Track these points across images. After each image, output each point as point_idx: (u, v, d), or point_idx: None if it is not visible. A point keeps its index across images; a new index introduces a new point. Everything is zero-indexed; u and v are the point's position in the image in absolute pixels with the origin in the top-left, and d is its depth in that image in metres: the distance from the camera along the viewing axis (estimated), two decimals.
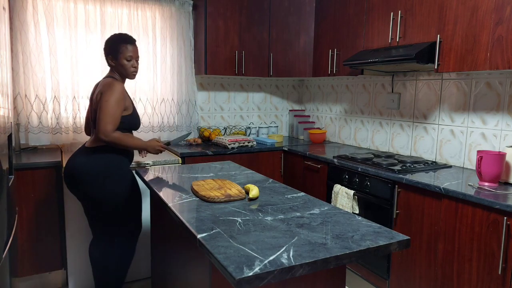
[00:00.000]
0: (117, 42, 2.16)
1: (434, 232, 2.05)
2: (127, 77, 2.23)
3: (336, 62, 3.06)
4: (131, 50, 2.16)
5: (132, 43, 2.18)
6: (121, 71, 2.18)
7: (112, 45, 2.16)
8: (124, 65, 2.15)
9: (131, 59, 2.16)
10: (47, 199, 2.51)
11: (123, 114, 2.12)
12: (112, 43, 2.16)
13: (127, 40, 2.17)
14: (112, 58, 2.16)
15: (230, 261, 1.05)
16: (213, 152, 3.00)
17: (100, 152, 2.11)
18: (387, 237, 1.24)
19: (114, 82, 2.09)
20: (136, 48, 2.20)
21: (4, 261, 1.44)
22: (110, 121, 2.00)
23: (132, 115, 2.20)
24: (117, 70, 2.19)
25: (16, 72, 2.73)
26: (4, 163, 1.59)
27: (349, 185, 2.58)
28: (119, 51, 2.14)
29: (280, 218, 1.41)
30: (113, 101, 2.03)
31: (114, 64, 2.17)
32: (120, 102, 2.06)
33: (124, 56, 2.14)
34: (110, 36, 2.20)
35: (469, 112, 2.44)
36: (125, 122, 2.13)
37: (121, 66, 2.16)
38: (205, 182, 1.85)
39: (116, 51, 2.14)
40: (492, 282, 1.78)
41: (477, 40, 2.03)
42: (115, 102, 2.03)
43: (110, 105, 2.02)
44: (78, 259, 2.53)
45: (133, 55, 2.16)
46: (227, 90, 3.72)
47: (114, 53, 2.15)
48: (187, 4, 3.32)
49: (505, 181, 2.05)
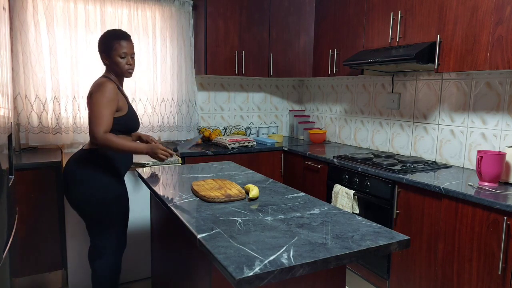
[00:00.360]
0: (110, 38, 2.03)
1: (434, 232, 2.05)
2: (123, 75, 2.09)
3: (336, 62, 3.06)
4: (125, 46, 2.02)
5: (126, 39, 2.04)
6: (116, 69, 2.05)
7: (105, 42, 2.03)
8: (118, 63, 2.02)
9: (125, 55, 2.02)
10: (47, 199, 2.51)
11: (117, 115, 1.99)
12: (105, 40, 2.04)
13: (120, 36, 2.03)
14: (105, 56, 2.04)
15: (230, 261, 1.05)
16: (213, 152, 3.00)
17: (91, 156, 2.01)
18: (387, 237, 1.24)
19: (104, 81, 1.97)
20: (131, 44, 2.06)
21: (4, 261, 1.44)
22: (100, 122, 1.88)
23: (128, 116, 2.07)
24: (111, 68, 2.06)
25: (16, 72, 2.73)
26: (4, 163, 1.59)
27: (349, 185, 2.58)
28: (112, 48, 2.01)
29: (280, 218, 1.41)
30: (103, 101, 1.90)
31: (108, 62, 2.04)
32: (111, 103, 1.93)
33: (117, 53, 2.00)
34: (103, 33, 2.07)
35: (469, 112, 2.44)
36: (120, 123, 2.01)
37: (115, 64, 2.03)
38: (205, 182, 1.85)
39: (109, 48, 2.01)
40: (492, 282, 1.78)
41: (477, 40, 2.03)
42: (105, 103, 1.91)
43: (100, 106, 1.89)
44: (78, 259, 2.53)
45: (127, 52, 2.03)
46: (227, 90, 3.72)
47: (107, 51, 2.02)
48: (187, 4, 3.32)
49: (505, 181, 2.05)
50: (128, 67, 2.06)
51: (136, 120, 2.17)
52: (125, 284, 2.69)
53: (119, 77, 2.11)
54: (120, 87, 2.10)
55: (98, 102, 1.90)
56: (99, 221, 2.04)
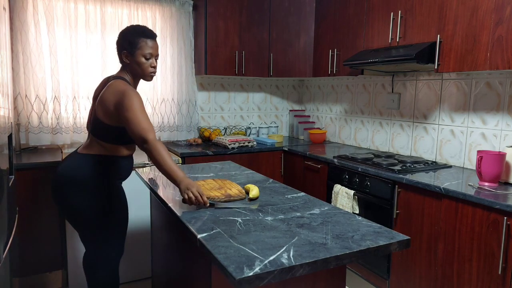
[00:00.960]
0: (135, 35, 1.81)
1: (434, 232, 2.05)
2: (143, 78, 1.88)
3: (336, 62, 3.06)
4: (151, 47, 1.82)
5: (152, 38, 1.84)
6: (136, 70, 1.85)
7: (128, 38, 1.80)
8: (141, 64, 1.82)
9: (150, 57, 1.83)
10: (47, 199, 2.51)
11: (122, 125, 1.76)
12: (129, 35, 1.81)
13: (147, 34, 1.82)
14: (127, 54, 1.82)
15: (230, 261, 1.05)
16: (213, 152, 3.00)
17: (93, 161, 1.83)
18: (387, 237, 1.24)
19: (127, 87, 1.76)
20: (157, 44, 1.86)
21: (4, 261, 1.44)
22: (149, 128, 1.66)
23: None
24: (130, 69, 1.85)
25: (16, 72, 2.73)
26: (4, 163, 1.59)
27: (349, 185, 2.58)
28: (137, 46, 1.80)
29: (280, 218, 1.41)
30: (139, 106, 1.70)
31: (129, 61, 1.83)
32: (143, 106, 1.74)
33: (142, 52, 1.80)
34: (126, 28, 1.85)
35: (469, 112, 2.44)
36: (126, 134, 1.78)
37: (137, 64, 1.82)
38: (205, 182, 1.85)
39: (133, 46, 1.80)
40: (492, 282, 1.78)
41: (477, 40, 2.03)
42: (141, 108, 1.71)
43: (139, 111, 1.68)
44: (78, 259, 2.53)
45: (153, 53, 1.83)
46: (227, 90, 3.72)
47: (130, 48, 1.80)
48: (187, 4, 3.32)
49: (505, 181, 2.05)
50: (152, 70, 1.86)
51: None
52: (125, 284, 2.69)
53: (136, 79, 1.91)
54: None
55: (134, 108, 1.68)
56: (99, 230, 1.88)
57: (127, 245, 2.66)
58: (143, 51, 1.81)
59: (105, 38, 3.00)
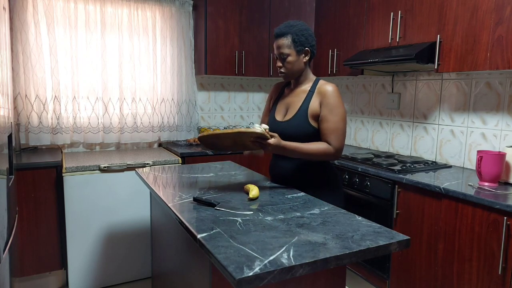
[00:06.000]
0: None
1: (434, 232, 2.05)
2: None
3: (336, 62, 3.06)
4: (275, 46, 1.83)
5: (276, 37, 1.81)
6: (304, 71, 1.87)
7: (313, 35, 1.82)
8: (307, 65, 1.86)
9: (277, 56, 1.84)
10: (47, 199, 2.51)
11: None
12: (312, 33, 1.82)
13: (275, 34, 1.81)
14: (311, 52, 1.82)
15: (230, 261, 1.05)
16: (213, 152, 3.00)
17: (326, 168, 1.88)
18: (387, 237, 1.24)
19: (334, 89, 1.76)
20: (281, 42, 1.78)
21: (4, 261, 1.44)
22: (344, 139, 1.76)
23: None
24: (306, 69, 1.88)
25: (16, 72, 2.73)
26: (4, 163, 1.59)
27: (349, 185, 2.58)
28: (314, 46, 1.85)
29: (280, 218, 1.41)
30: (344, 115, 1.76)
31: (308, 61, 1.84)
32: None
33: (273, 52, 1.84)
34: (304, 23, 1.83)
35: (469, 112, 2.44)
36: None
37: (307, 65, 1.87)
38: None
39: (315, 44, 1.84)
40: (492, 282, 1.78)
41: (477, 40, 2.03)
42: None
43: (344, 120, 1.75)
44: (78, 259, 2.53)
45: (276, 52, 1.83)
46: (227, 90, 3.72)
47: (315, 46, 1.84)
48: (187, 4, 3.32)
49: (505, 181, 2.05)
50: (279, 70, 1.87)
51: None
52: (125, 284, 2.69)
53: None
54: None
55: (344, 116, 1.75)
56: None
57: (127, 245, 2.67)
58: (274, 52, 1.86)
59: (105, 38, 3.00)
